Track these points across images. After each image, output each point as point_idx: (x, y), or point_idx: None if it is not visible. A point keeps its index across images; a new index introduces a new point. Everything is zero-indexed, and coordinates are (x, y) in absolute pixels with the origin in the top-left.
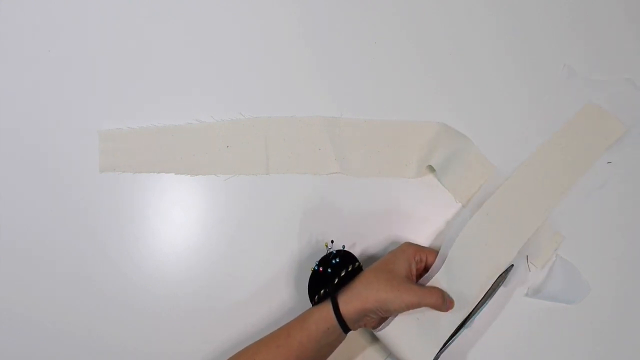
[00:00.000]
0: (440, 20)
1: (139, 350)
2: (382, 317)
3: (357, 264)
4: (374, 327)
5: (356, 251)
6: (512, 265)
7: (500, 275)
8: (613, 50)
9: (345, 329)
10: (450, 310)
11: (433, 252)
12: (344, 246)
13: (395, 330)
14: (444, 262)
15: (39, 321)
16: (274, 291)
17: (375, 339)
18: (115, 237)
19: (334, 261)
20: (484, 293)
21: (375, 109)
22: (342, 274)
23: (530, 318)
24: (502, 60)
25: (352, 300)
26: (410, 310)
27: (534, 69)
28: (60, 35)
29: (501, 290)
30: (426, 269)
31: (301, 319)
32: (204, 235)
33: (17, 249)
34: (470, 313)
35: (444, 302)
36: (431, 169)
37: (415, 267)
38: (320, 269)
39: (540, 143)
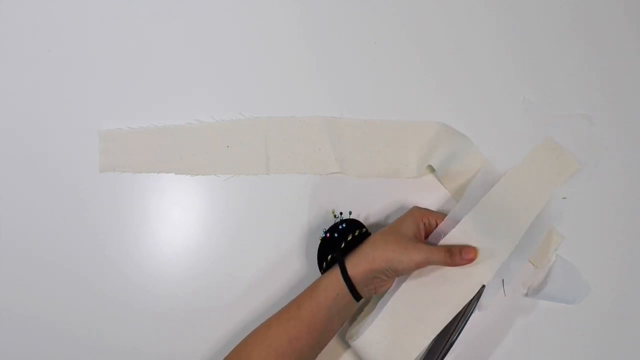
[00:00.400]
0: (440, 21)
1: (139, 350)
2: (390, 278)
3: (364, 229)
4: (382, 292)
5: None
6: (484, 286)
7: (471, 299)
8: (613, 50)
9: (355, 294)
10: (423, 323)
11: (442, 215)
12: (350, 213)
13: (369, 339)
14: (454, 224)
15: (39, 321)
16: (274, 291)
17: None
18: (115, 237)
19: (340, 227)
20: (454, 315)
21: (375, 109)
22: (349, 237)
23: (530, 318)
24: (502, 60)
25: (360, 262)
26: (387, 317)
27: (534, 69)
28: (60, 35)
29: (500, 289)
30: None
31: (311, 288)
32: (204, 235)
33: (16, 248)
34: (447, 333)
35: (451, 256)
36: (431, 169)
37: (424, 229)
38: (328, 235)
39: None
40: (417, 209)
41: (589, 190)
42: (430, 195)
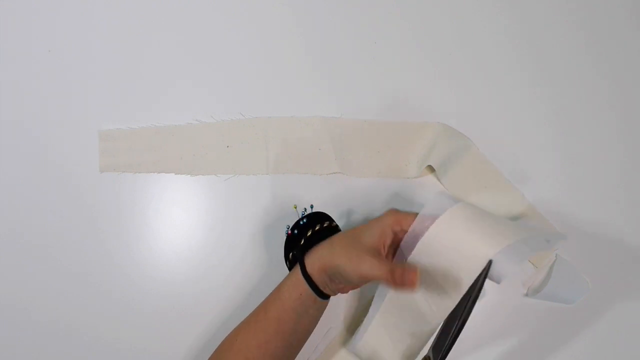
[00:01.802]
0: (441, 21)
1: (138, 349)
2: (347, 284)
3: (326, 223)
4: (346, 292)
5: None
6: (491, 261)
7: (478, 277)
8: (617, 49)
9: (318, 292)
10: (427, 317)
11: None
12: (312, 206)
13: (366, 345)
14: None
15: (38, 320)
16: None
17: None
18: (115, 237)
19: (301, 222)
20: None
21: (375, 109)
22: (309, 233)
23: (530, 318)
24: (502, 60)
25: (315, 260)
26: (381, 321)
27: (535, 68)
28: (60, 35)
29: (500, 289)
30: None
31: (276, 289)
32: (204, 235)
33: (16, 248)
34: (453, 322)
35: (392, 276)
36: (431, 169)
37: (391, 238)
38: (290, 232)
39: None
40: (390, 215)
41: (589, 189)
42: (430, 195)
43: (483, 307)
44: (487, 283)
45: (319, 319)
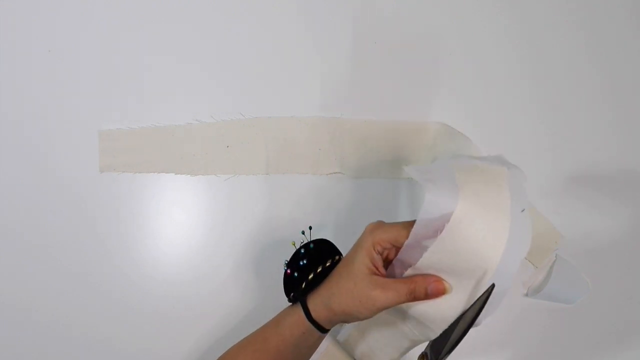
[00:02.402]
0: (441, 21)
1: (138, 349)
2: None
3: (329, 262)
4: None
5: None
6: (494, 285)
7: (477, 300)
8: (617, 50)
9: (323, 329)
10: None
11: (399, 230)
12: (310, 228)
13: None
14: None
15: (38, 320)
16: (274, 291)
17: None
18: (115, 237)
19: (301, 262)
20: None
21: (375, 109)
22: (310, 276)
23: (531, 318)
24: (502, 60)
25: (320, 308)
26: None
27: (535, 68)
28: (60, 35)
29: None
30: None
31: (276, 322)
32: (204, 235)
33: (16, 248)
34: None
35: (415, 297)
36: None
37: (381, 259)
38: (288, 271)
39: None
40: (367, 236)
41: (589, 189)
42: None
43: None
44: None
45: (316, 349)
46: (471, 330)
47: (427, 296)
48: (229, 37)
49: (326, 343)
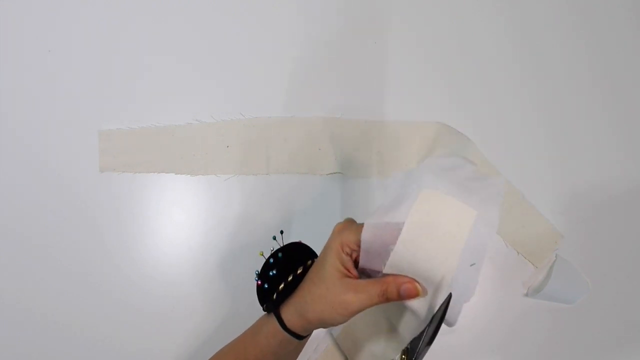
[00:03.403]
0: (441, 21)
1: (138, 349)
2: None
3: (300, 269)
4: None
5: None
6: (450, 295)
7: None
8: (616, 51)
9: (300, 337)
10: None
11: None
12: (281, 232)
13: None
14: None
15: (38, 320)
16: None
17: None
18: (115, 237)
19: (271, 273)
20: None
21: (375, 109)
22: (281, 286)
23: (531, 318)
24: (502, 60)
25: (294, 317)
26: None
27: (535, 69)
28: (60, 35)
29: (500, 289)
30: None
31: (253, 331)
32: (204, 235)
33: (16, 248)
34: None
35: (387, 298)
36: None
37: (350, 260)
38: (259, 282)
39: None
40: (335, 237)
41: (589, 189)
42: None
43: (483, 306)
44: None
45: (301, 351)
46: (471, 331)
47: (400, 297)
48: (229, 38)
49: (326, 343)
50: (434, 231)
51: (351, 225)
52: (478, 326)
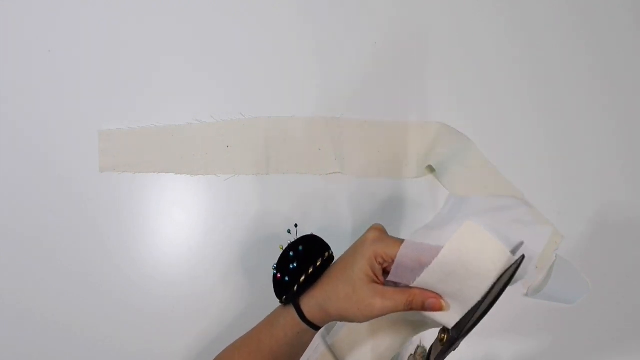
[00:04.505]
0: (440, 21)
1: (138, 349)
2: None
3: (319, 261)
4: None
5: None
6: (523, 256)
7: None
8: (616, 51)
9: (317, 328)
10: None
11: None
12: (296, 225)
13: (343, 342)
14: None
15: (38, 320)
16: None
17: None
18: (115, 237)
19: (292, 266)
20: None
21: (375, 109)
22: (302, 278)
23: (531, 318)
24: (502, 60)
25: (314, 308)
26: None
27: (535, 69)
28: (60, 35)
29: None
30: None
31: (269, 323)
32: (204, 235)
33: (16, 248)
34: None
35: (410, 307)
36: (431, 169)
37: (381, 269)
38: (278, 275)
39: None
40: (369, 245)
41: (589, 189)
42: (430, 195)
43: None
44: None
45: (311, 341)
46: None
47: (424, 309)
48: (229, 38)
49: (322, 348)
50: (470, 261)
51: (386, 238)
52: (477, 326)
